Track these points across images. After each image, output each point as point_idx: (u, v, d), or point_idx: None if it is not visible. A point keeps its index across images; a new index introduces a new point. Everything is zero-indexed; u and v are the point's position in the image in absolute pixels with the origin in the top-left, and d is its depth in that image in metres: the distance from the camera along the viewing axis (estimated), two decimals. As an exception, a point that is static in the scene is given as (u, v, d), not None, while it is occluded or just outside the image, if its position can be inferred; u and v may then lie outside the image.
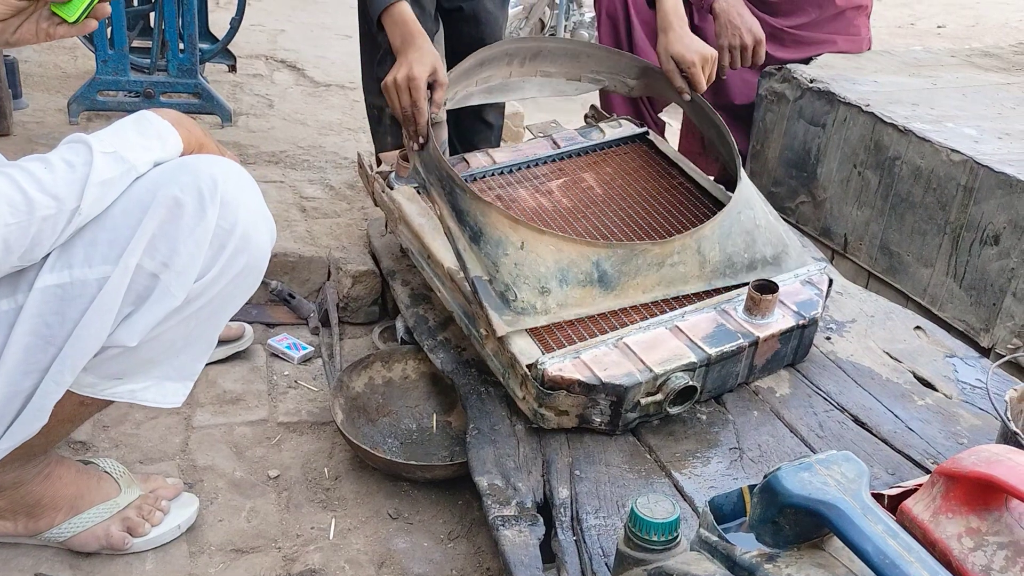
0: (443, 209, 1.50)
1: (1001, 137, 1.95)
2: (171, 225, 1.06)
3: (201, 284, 1.10)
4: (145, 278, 1.07)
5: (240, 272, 1.13)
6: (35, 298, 1.05)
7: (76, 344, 1.07)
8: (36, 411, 1.09)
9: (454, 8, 2.10)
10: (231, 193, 1.09)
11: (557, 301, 1.40)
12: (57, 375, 1.07)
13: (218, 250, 1.10)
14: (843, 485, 0.96)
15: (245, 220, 1.11)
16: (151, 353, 1.15)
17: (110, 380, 1.15)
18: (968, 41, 4.77)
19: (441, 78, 1.61)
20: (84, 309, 1.06)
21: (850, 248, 2.16)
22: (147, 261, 1.06)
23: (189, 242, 1.07)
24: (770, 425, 1.42)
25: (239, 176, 1.12)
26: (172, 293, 1.08)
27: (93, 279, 1.05)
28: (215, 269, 1.10)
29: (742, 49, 2.12)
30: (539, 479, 1.31)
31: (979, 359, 1.61)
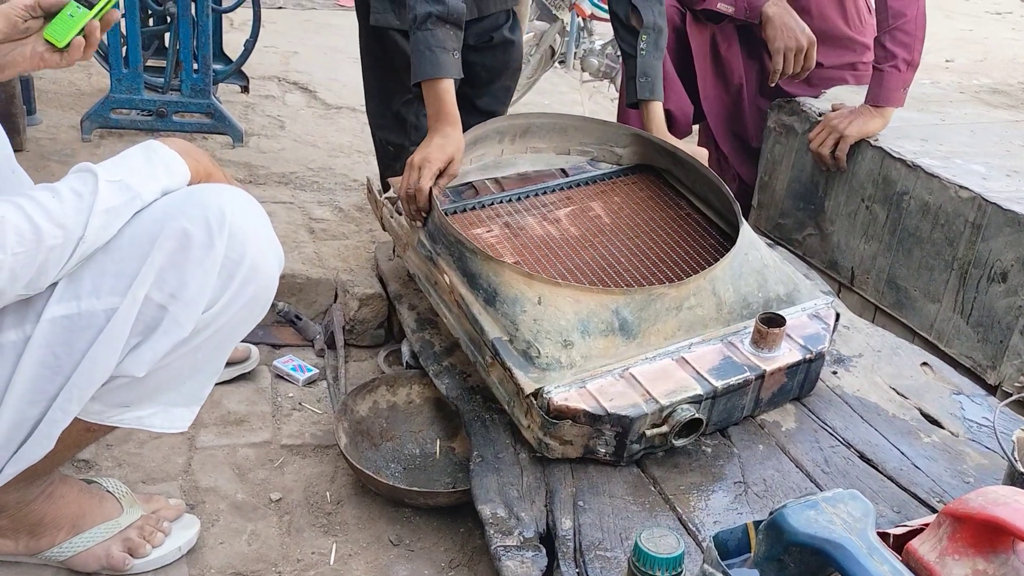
0: (452, 277, 1.51)
1: (1009, 175, 1.96)
2: (180, 256, 1.07)
3: (209, 315, 1.11)
4: (153, 309, 1.07)
5: (248, 302, 1.14)
6: (43, 329, 1.06)
7: (84, 374, 1.07)
8: (43, 438, 1.09)
9: (484, 41, 2.13)
10: (239, 224, 1.09)
11: (581, 353, 1.40)
12: (64, 404, 1.08)
13: (227, 280, 1.10)
14: (849, 524, 0.95)
15: (253, 250, 1.11)
16: (158, 382, 1.15)
17: (117, 408, 1.15)
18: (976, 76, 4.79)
19: (453, 169, 1.64)
20: (92, 340, 1.06)
21: (857, 282, 2.16)
22: (156, 292, 1.07)
23: (198, 273, 1.07)
24: (775, 459, 1.41)
25: (247, 206, 1.13)
26: (180, 324, 1.08)
27: (101, 310, 1.06)
28: (223, 299, 1.11)
29: (796, 51, 2.14)
30: (542, 509, 1.30)
31: (986, 397, 1.61)
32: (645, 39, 1.93)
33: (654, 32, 1.94)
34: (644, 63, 1.93)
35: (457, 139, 1.66)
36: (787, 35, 2.16)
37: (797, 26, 2.16)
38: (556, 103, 3.74)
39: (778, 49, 2.17)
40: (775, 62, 2.19)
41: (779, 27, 2.16)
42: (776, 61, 2.18)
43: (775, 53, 2.18)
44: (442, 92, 1.65)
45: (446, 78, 1.65)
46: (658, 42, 1.95)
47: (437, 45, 1.63)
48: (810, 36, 2.16)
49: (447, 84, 1.66)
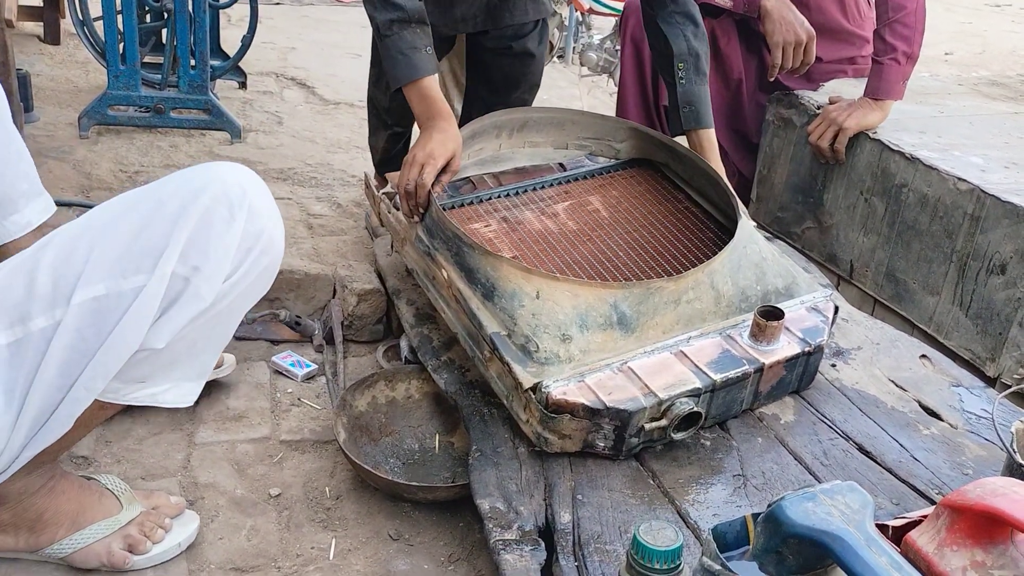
0: (451, 272, 1.51)
1: (1008, 166, 1.96)
2: (203, 231, 1.11)
3: (227, 284, 1.15)
4: (177, 282, 1.11)
5: (262, 272, 1.20)
6: (73, 313, 1.08)
7: (110, 352, 1.10)
8: (64, 418, 1.12)
9: (502, 47, 2.08)
10: (257, 199, 1.16)
11: (580, 347, 1.40)
12: (89, 382, 1.10)
13: (246, 253, 1.15)
14: (847, 516, 0.95)
15: (269, 224, 1.18)
16: (175, 354, 1.18)
17: (134, 384, 1.18)
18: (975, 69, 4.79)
19: (455, 165, 1.64)
20: (119, 318, 1.09)
21: (856, 274, 2.16)
22: (180, 267, 1.11)
23: (219, 247, 1.12)
24: (774, 452, 1.41)
25: (259, 184, 1.19)
26: (202, 295, 1.13)
27: (129, 289, 1.09)
28: (242, 270, 1.16)
29: (796, 45, 2.14)
30: (541, 503, 1.30)
31: (985, 389, 1.61)
32: (682, 67, 1.86)
33: (691, 58, 1.86)
34: (685, 92, 1.86)
35: (455, 133, 1.65)
36: (786, 29, 2.15)
37: (796, 20, 2.16)
38: (555, 97, 3.73)
39: (777, 43, 2.16)
40: (774, 56, 2.18)
41: (778, 21, 2.15)
42: (775, 55, 2.18)
43: (774, 47, 2.17)
44: (426, 90, 1.63)
45: (426, 76, 1.62)
46: (698, 66, 1.88)
47: (408, 47, 1.60)
48: (809, 30, 2.16)
49: (429, 81, 1.63)
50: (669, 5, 1.88)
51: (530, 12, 2.04)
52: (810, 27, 2.16)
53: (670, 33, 1.87)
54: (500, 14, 2.00)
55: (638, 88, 2.35)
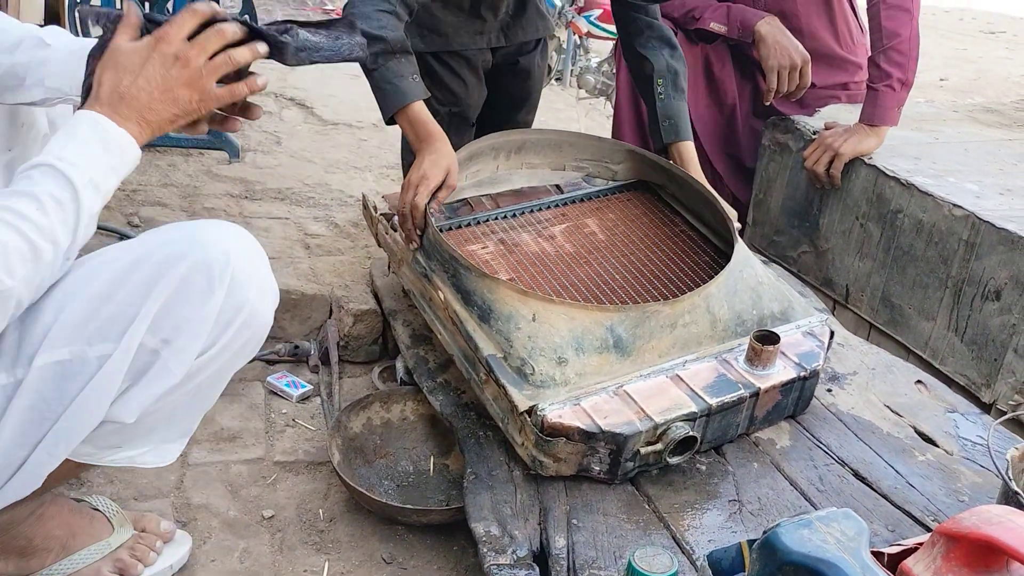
0: (447, 294, 1.51)
1: (1003, 193, 1.97)
2: (177, 302, 1.04)
3: (204, 359, 1.09)
4: (146, 354, 1.06)
5: (243, 345, 1.13)
6: (34, 376, 1.04)
7: (72, 420, 1.05)
8: (29, 478, 1.08)
9: (510, 63, 2.14)
10: (242, 270, 1.07)
11: (575, 370, 1.40)
12: (52, 447, 1.06)
13: (224, 327, 1.08)
14: (843, 543, 0.95)
15: (254, 297, 1.09)
16: (150, 423, 1.14)
17: (108, 449, 1.14)
18: (970, 95, 4.83)
19: (451, 181, 1.63)
20: (83, 386, 1.04)
21: (851, 299, 2.16)
22: (149, 338, 1.05)
23: (194, 320, 1.05)
24: (770, 478, 1.41)
25: (250, 249, 1.11)
26: (170, 370, 1.06)
27: (94, 356, 1.04)
28: (219, 344, 1.09)
29: (791, 69, 2.15)
30: (536, 527, 1.30)
31: (980, 415, 1.61)
32: (661, 83, 1.92)
33: (669, 74, 1.93)
34: (665, 107, 1.92)
35: (449, 152, 1.65)
36: (781, 53, 2.17)
37: (791, 44, 2.18)
38: (552, 120, 3.76)
39: (772, 67, 2.18)
40: (769, 81, 2.20)
41: (772, 46, 2.17)
42: (770, 79, 2.19)
43: (769, 72, 2.19)
44: (416, 115, 1.65)
45: (414, 101, 1.64)
46: (676, 83, 1.94)
47: (395, 76, 1.63)
48: (804, 54, 2.17)
49: (418, 106, 1.65)
50: (646, 31, 1.97)
51: (540, 29, 2.14)
52: (804, 51, 2.18)
53: (650, 54, 1.95)
54: (514, 31, 2.08)
55: (635, 111, 2.36)
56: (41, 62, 1.17)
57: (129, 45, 1.04)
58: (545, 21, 2.15)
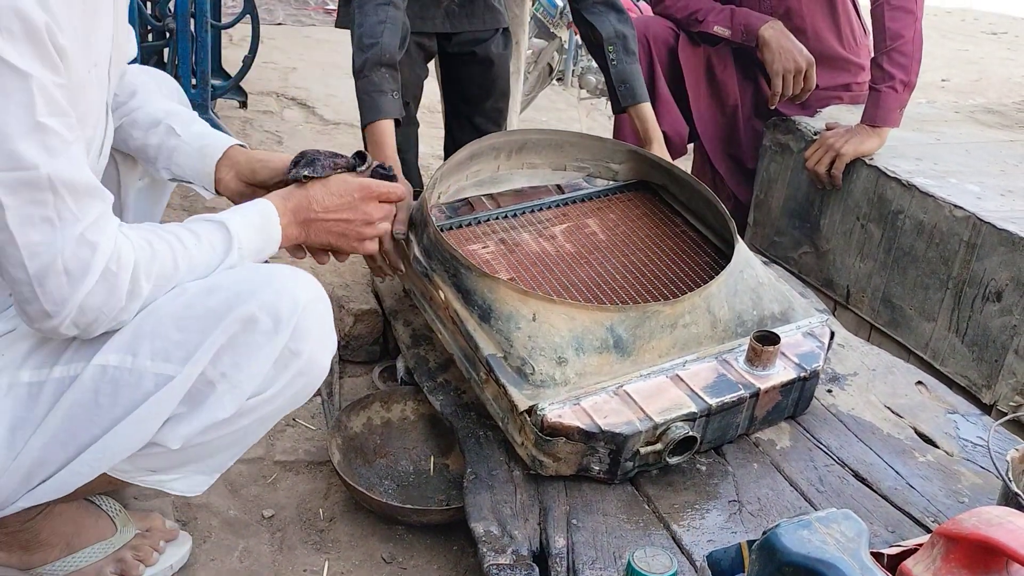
0: (448, 293, 1.51)
1: (1004, 194, 1.97)
2: (241, 340, 1.07)
3: (257, 400, 1.11)
4: (203, 384, 1.07)
5: (296, 392, 1.14)
6: (91, 373, 1.06)
7: (121, 437, 1.06)
8: (63, 483, 1.09)
9: (466, 53, 2.17)
10: (308, 318, 1.10)
11: (576, 370, 1.40)
12: (94, 461, 1.07)
13: (281, 370, 1.10)
14: (842, 544, 0.95)
15: (314, 346, 1.12)
16: (192, 454, 1.14)
17: (145, 471, 1.15)
18: (972, 96, 4.82)
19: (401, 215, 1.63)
20: (135, 400, 1.06)
21: (852, 300, 2.16)
22: (210, 369, 1.07)
23: (254, 360, 1.07)
24: (770, 478, 1.41)
25: (318, 300, 1.13)
26: (223, 405, 1.08)
27: (152, 373, 1.06)
28: (274, 388, 1.11)
29: (795, 73, 2.15)
30: (536, 527, 1.30)
31: (980, 416, 1.60)
32: (611, 49, 1.97)
33: (618, 40, 1.97)
34: (618, 72, 1.97)
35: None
36: (785, 57, 2.17)
37: (795, 48, 2.17)
38: (554, 120, 3.76)
39: (777, 71, 2.18)
40: (774, 84, 2.20)
41: (776, 50, 2.17)
42: (775, 84, 2.19)
43: (774, 76, 2.19)
44: (380, 135, 1.69)
45: (385, 119, 1.69)
46: (626, 47, 1.98)
47: (374, 89, 1.68)
48: (808, 57, 2.17)
49: (385, 126, 1.69)
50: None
51: (487, 21, 2.17)
52: (809, 54, 2.18)
53: (596, 21, 1.98)
54: (460, 20, 2.13)
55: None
56: (171, 150, 1.34)
57: (350, 182, 1.29)
58: (496, 14, 2.18)
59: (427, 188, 1.70)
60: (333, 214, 1.27)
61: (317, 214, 1.26)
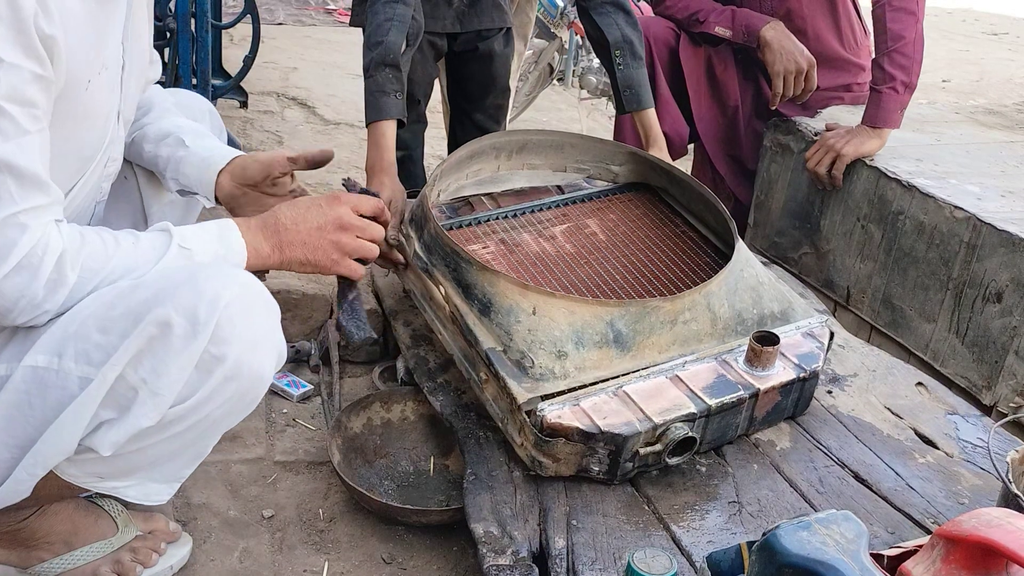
0: (448, 288, 1.51)
1: (1004, 195, 1.97)
2: (158, 344, 1.02)
3: (182, 408, 1.06)
4: (127, 389, 1.04)
5: (231, 398, 1.09)
6: (21, 374, 1.05)
7: (49, 442, 1.05)
8: (16, 487, 1.08)
9: (469, 49, 2.19)
10: (231, 319, 1.04)
11: (575, 364, 1.40)
12: (30, 467, 1.07)
13: (204, 376, 1.04)
14: (842, 545, 0.95)
15: (240, 349, 1.05)
16: (132, 463, 1.12)
17: (93, 477, 1.13)
18: (972, 96, 4.82)
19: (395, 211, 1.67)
20: (63, 402, 1.04)
21: (852, 301, 2.16)
22: (131, 373, 1.03)
23: (172, 366, 1.02)
24: (770, 479, 1.41)
25: (248, 299, 1.07)
26: (146, 412, 1.04)
27: (76, 376, 1.05)
28: (199, 395, 1.06)
29: (796, 74, 2.16)
30: (535, 528, 1.30)
31: (980, 417, 1.60)
32: (619, 54, 1.99)
33: (626, 44, 1.99)
34: (624, 76, 1.99)
35: (391, 185, 1.72)
36: (786, 58, 2.17)
37: (796, 49, 2.17)
38: (554, 120, 3.76)
39: (778, 73, 2.18)
40: (775, 85, 2.20)
41: (778, 51, 2.17)
42: (776, 85, 2.19)
43: (775, 77, 2.19)
44: (380, 136, 1.73)
45: (387, 119, 1.72)
46: (633, 52, 2.00)
47: (378, 89, 1.72)
48: (809, 58, 2.17)
49: (386, 127, 1.73)
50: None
51: (495, 20, 2.20)
52: (810, 55, 2.18)
53: (603, 24, 2.01)
54: (469, 19, 2.16)
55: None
56: (178, 161, 1.35)
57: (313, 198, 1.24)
58: (503, 13, 2.21)
59: (427, 185, 1.70)
60: (303, 223, 1.20)
61: (286, 227, 1.19)
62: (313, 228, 1.21)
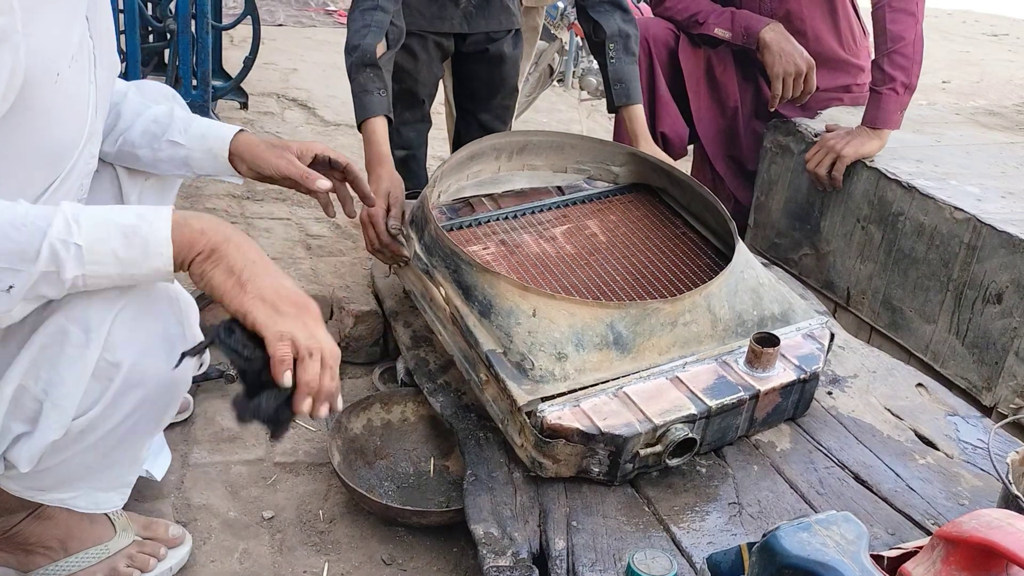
0: (448, 289, 1.51)
1: (1004, 196, 1.97)
2: (54, 353, 0.98)
3: (87, 419, 1.02)
4: (32, 401, 1.00)
5: (140, 405, 1.05)
6: None
7: None
8: None
9: (479, 51, 2.19)
10: (125, 324, 0.99)
11: (575, 366, 1.40)
12: None
13: (105, 384, 1.00)
14: (842, 547, 0.95)
15: (136, 353, 1.00)
16: (63, 474, 1.09)
17: (33, 490, 1.11)
18: (972, 97, 4.82)
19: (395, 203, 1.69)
20: None
21: (853, 302, 2.16)
22: (32, 384, 1.00)
23: (69, 375, 0.98)
24: (770, 480, 1.41)
25: (143, 302, 1.01)
26: (51, 425, 1.01)
27: None
28: (101, 405, 1.02)
29: (796, 75, 2.16)
30: (536, 529, 1.30)
31: (980, 419, 1.60)
32: (612, 47, 2.00)
33: (620, 39, 2.00)
34: (616, 70, 2.00)
35: (389, 176, 1.73)
36: (786, 60, 2.17)
37: (795, 50, 2.17)
38: (554, 121, 3.76)
39: (777, 74, 2.18)
40: (774, 87, 2.20)
41: (777, 52, 2.17)
42: (775, 86, 2.19)
43: (774, 78, 2.19)
44: (371, 133, 1.75)
45: (374, 117, 1.75)
46: (627, 47, 2.01)
47: (361, 90, 1.75)
48: (808, 59, 2.17)
49: (375, 124, 1.75)
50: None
51: (503, 22, 2.20)
52: (809, 56, 2.18)
53: (601, 19, 2.02)
54: (476, 20, 2.16)
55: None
56: (183, 160, 1.37)
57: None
58: (511, 15, 2.20)
59: (428, 186, 1.71)
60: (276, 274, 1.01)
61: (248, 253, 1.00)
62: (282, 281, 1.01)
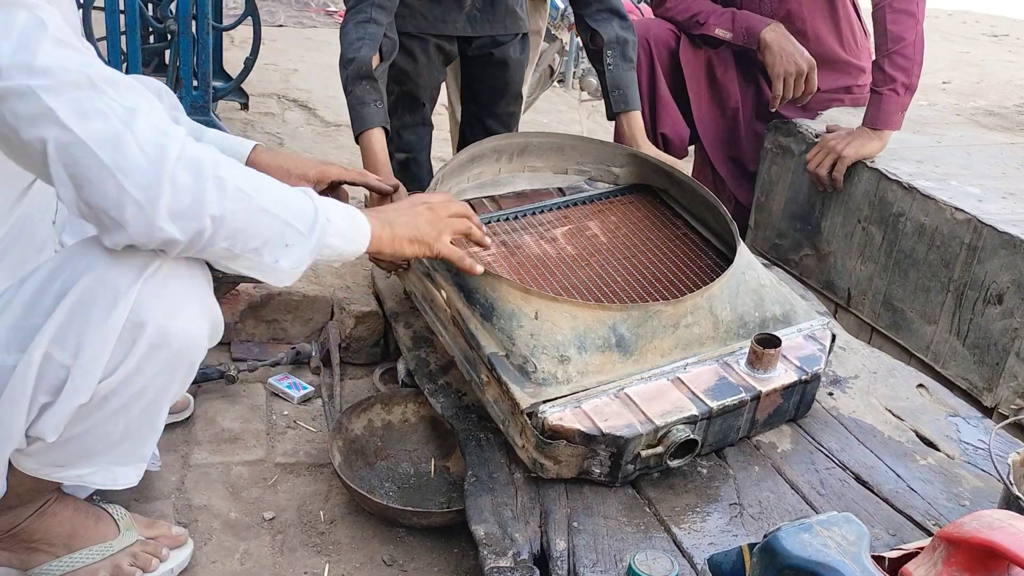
0: (450, 292, 1.51)
1: (1005, 197, 1.97)
2: (81, 316, 1.00)
3: (112, 382, 1.04)
4: (57, 369, 1.02)
5: (162, 369, 1.07)
6: None
7: None
8: None
9: (484, 54, 2.18)
10: (153, 286, 1.02)
11: (578, 369, 1.40)
12: None
13: (129, 346, 1.03)
14: (843, 547, 0.95)
15: (163, 316, 1.03)
16: (84, 446, 1.11)
17: (51, 467, 1.12)
18: (973, 98, 4.82)
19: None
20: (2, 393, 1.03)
21: (853, 303, 2.16)
22: (58, 351, 1.01)
23: (95, 336, 1.00)
24: (771, 481, 1.41)
25: (172, 266, 1.04)
26: (78, 388, 1.02)
27: (10, 365, 1.02)
28: (126, 366, 1.04)
29: (796, 76, 2.16)
30: (536, 529, 1.30)
31: (981, 419, 1.60)
32: (610, 54, 2.00)
33: (618, 45, 2.00)
34: (613, 77, 2.00)
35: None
36: (786, 60, 2.17)
37: (796, 51, 2.17)
38: (555, 122, 3.76)
39: (778, 75, 2.18)
40: (775, 88, 2.20)
41: (778, 53, 2.17)
42: (776, 87, 2.19)
43: (775, 79, 2.19)
44: (369, 144, 1.75)
45: (371, 128, 1.74)
46: (624, 53, 2.00)
47: (358, 103, 1.75)
48: (810, 60, 2.17)
49: (373, 135, 1.75)
50: (595, 3, 2.03)
51: (508, 26, 2.19)
52: (810, 57, 2.18)
53: (599, 26, 2.02)
54: (481, 24, 2.15)
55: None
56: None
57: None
58: (517, 19, 2.19)
59: (429, 189, 1.71)
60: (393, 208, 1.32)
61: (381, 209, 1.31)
62: (406, 207, 1.31)
